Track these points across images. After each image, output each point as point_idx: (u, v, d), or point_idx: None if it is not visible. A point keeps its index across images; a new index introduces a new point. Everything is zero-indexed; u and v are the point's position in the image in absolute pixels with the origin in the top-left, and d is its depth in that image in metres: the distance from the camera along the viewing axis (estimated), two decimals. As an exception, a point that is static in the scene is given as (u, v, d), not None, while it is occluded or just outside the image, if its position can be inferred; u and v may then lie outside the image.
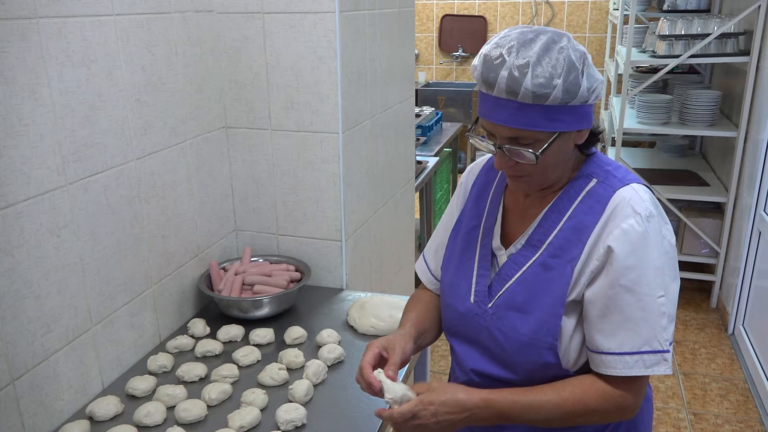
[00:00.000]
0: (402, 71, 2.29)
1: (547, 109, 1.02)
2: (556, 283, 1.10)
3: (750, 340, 3.14)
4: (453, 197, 1.36)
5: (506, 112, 1.03)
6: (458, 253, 1.27)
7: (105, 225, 1.43)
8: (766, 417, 2.71)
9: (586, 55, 1.05)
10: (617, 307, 1.06)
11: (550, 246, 1.13)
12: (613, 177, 1.12)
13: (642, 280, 1.04)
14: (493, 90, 1.03)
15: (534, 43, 1.02)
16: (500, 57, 1.02)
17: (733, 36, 3.33)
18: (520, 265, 1.16)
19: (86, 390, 1.42)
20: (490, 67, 1.03)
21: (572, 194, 1.13)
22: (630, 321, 1.05)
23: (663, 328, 1.06)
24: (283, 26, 1.75)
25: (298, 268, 1.88)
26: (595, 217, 1.09)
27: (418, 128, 3.85)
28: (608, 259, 1.06)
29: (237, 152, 1.91)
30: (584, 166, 1.15)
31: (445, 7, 5.96)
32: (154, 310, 1.63)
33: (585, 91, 1.03)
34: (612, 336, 1.06)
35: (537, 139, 1.05)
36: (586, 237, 1.09)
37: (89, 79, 1.35)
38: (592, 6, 5.55)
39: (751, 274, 3.19)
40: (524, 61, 1.00)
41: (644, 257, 1.04)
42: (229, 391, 1.44)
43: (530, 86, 0.99)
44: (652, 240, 1.05)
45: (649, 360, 1.05)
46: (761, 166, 3.06)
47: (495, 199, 1.26)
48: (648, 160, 4.25)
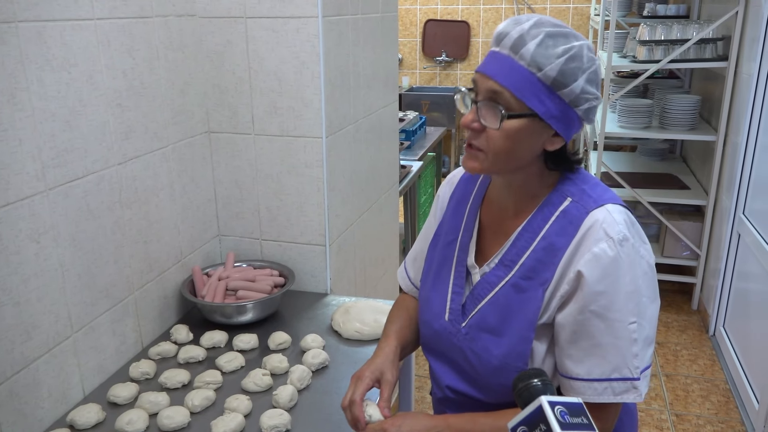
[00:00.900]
0: (385, 76, 2.30)
1: (536, 83, 1.00)
2: (527, 305, 1.08)
3: (730, 341, 3.17)
4: (432, 207, 1.35)
5: (499, 65, 1.03)
6: (435, 268, 1.25)
7: (86, 231, 1.42)
8: (747, 417, 2.75)
9: (595, 62, 1.04)
10: (587, 332, 1.03)
11: (522, 267, 1.10)
12: (588, 197, 1.08)
13: (612, 306, 1.02)
14: (499, 45, 1.03)
15: (559, 27, 1.03)
16: (521, 21, 1.03)
17: (712, 41, 3.38)
18: (493, 285, 1.14)
19: (67, 398, 1.40)
20: (508, 25, 1.04)
21: (546, 213, 1.10)
22: (599, 347, 1.03)
23: (634, 355, 1.03)
24: (266, 31, 1.74)
25: (281, 273, 1.87)
26: (567, 239, 1.06)
27: (401, 132, 3.86)
28: (579, 284, 1.03)
29: (220, 157, 1.90)
30: (560, 184, 1.12)
31: (429, 12, 5.98)
32: (136, 316, 1.62)
33: (578, 89, 1.01)
34: (581, 362, 1.04)
35: (511, 107, 1.02)
36: (558, 259, 1.06)
37: (69, 84, 1.34)
38: (573, 11, 5.61)
39: (731, 276, 3.24)
40: (541, 30, 1.01)
41: (615, 283, 1.02)
42: (212, 398, 1.43)
43: (532, 49, 0.99)
44: (624, 265, 1.02)
45: (618, 387, 1.03)
46: (740, 170, 3.10)
47: (472, 213, 1.23)
48: (629, 164, 4.30)
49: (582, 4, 5.56)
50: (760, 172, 2.97)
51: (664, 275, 3.79)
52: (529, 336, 1.08)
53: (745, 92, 3.09)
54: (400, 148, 3.69)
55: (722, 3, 3.56)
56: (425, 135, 4.25)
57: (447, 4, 5.91)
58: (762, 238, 2.79)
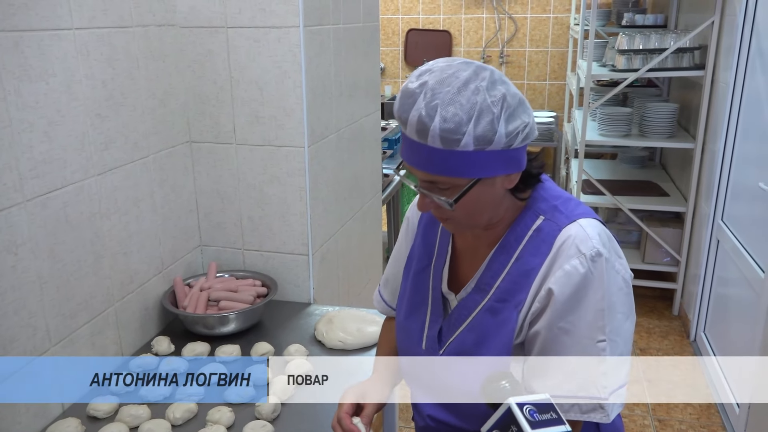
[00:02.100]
0: (367, 85, 2.30)
1: (461, 155, 0.94)
2: (502, 328, 1.05)
3: (711, 346, 3.21)
4: (401, 230, 1.30)
5: (419, 155, 0.96)
6: (409, 294, 1.22)
7: (65, 242, 1.40)
8: (728, 421, 2.77)
9: (504, 94, 0.95)
10: (554, 349, 1.01)
11: (498, 290, 1.07)
12: (560, 213, 1.05)
13: (581, 323, 0.99)
14: (406, 129, 0.97)
15: (450, 81, 0.93)
16: (413, 95, 0.94)
17: (689, 51, 3.43)
18: (470, 310, 1.10)
19: (45, 412, 1.38)
20: (403, 105, 0.96)
21: (519, 233, 1.07)
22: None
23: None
24: (247, 40, 1.74)
25: (264, 283, 1.86)
26: (541, 258, 1.03)
27: (384, 141, 3.86)
28: (548, 301, 1.01)
29: (201, 167, 1.89)
30: (531, 201, 1.08)
31: (411, 21, 6.02)
32: (116, 328, 1.60)
33: (503, 137, 0.94)
34: (548, 378, 1.02)
35: (454, 185, 0.98)
36: (532, 279, 1.03)
37: (47, 94, 1.33)
38: (554, 21, 5.67)
39: (710, 282, 3.28)
40: (434, 102, 0.92)
41: (585, 300, 0.99)
42: (194, 410, 1.42)
43: (438, 131, 0.92)
44: (595, 281, 0.99)
45: (585, 407, 1.00)
46: (718, 176, 3.15)
47: (444, 238, 1.19)
48: (610, 172, 4.34)
49: (562, 14, 5.62)
50: (737, 179, 3.02)
51: (645, 281, 3.82)
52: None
53: (722, 100, 3.14)
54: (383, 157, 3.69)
55: (699, 13, 3.62)
56: (408, 144, 4.25)
57: (429, 14, 5.95)
58: (740, 243, 2.83)
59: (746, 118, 2.94)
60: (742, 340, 2.72)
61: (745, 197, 2.89)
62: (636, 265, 3.80)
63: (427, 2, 5.92)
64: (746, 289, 2.70)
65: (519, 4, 5.68)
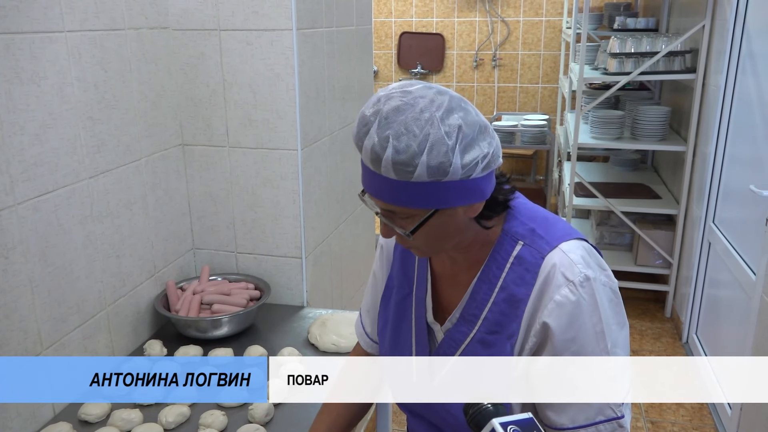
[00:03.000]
0: (361, 88, 2.31)
1: (416, 186, 0.90)
2: (498, 361, 1.03)
3: (703, 347, 3.22)
4: (376, 258, 1.25)
5: (375, 184, 0.93)
6: (393, 325, 1.17)
7: (56, 245, 1.39)
8: (720, 423, 2.79)
9: (462, 127, 0.90)
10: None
11: (486, 321, 1.04)
12: (540, 239, 1.02)
13: (585, 350, 0.98)
14: (363, 157, 0.93)
15: (403, 110, 0.89)
16: (367, 123, 0.91)
17: (680, 54, 3.45)
18: (459, 342, 1.07)
19: (36, 417, 1.37)
20: (359, 132, 0.92)
21: (500, 261, 1.03)
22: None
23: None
24: (240, 43, 1.74)
25: (257, 286, 1.86)
26: (527, 288, 1.00)
27: (378, 144, 3.86)
28: (547, 335, 0.99)
29: (194, 170, 1.88)
30: (507, 225, 1.04)
31: (404, 24, 6.03)
32: (108, 332, 1.59)
33: (460, 168, 0.89)
34: (563, 411, 1.00)
35: (410, 214, 0.94)
36: (522, 311, 1.01)
37: (39, 97, 1.32)
38: (546, 24, 5.69)
39: (702, 284, 3.29)
40: (387, 132, 0.88)
41: (583, 326, 0.98)
42: (186, 414, 1.41)
43: (390, 162, 0.88)
44: (588, 307, 0.98)
45: (604, 429, 1.00)
46: (709, 179, 3.17)
47: (422, 264, 1.15)
48: (602, 174, 4.36)
49: (554, 18, 5.65)
50: (728, 182, 3.04)
51: (637, 284, 3.84)
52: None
53: (713, 104, 3.16)
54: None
55: (690, 16, 3.65)
56: (401, 146, 4.25)
57: (422, 17, 5.97)
58: (731, 245, 2.85)
59: (737, 121, 2.96)
60: (734, 341, 2.74)
61: (736, 200, 2.91)
62: (628, 268, 3.81)
63: (420, 5, 5.93)
64: (738, 291, 2.71)
65: (512, 7, 5.70)
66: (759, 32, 2.77)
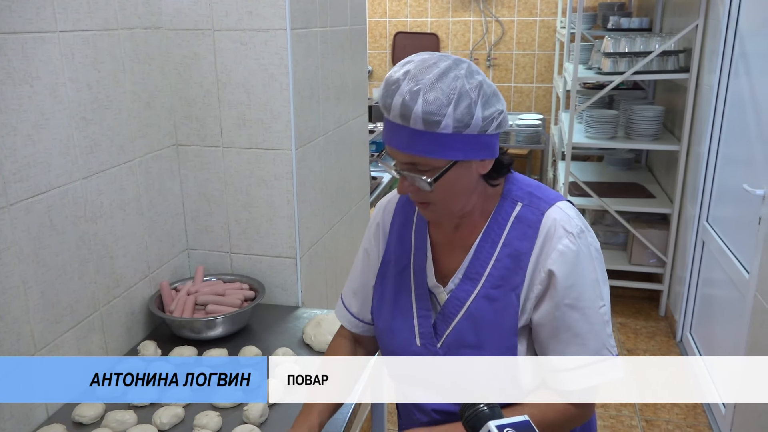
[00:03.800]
0: (355, 88, 2.30)
1: (441, 137, 1.00)
2: (504, 313, 1.11)
3: (697, 346, 3.23)
4: (369, 237, 1.30)
5: (401, 138, 1.03)
6: (391, 297, 1.22)
7: (49, 246, 1.39)
8: (714, 421, 2.80)
9: (480, 82, 1.02)
10: (565, 325, 1.08)
11: (490, 277, 1.12)
12: (538, 199, 1.13)
13: (583, 296, 1.08)
14: (390, 114, 1.03)
15: (431, 69, 1.01)
16: (397, 82, 1.02)
17: (674, 54, 3.47)
18: (463, 300, 1.14)
19: (30, 419, 1.37)
20: (387, 91, 1.03)
21: (501, 221, 1.13)
22: (578, 336, 1.08)
23: (608, 335, 1.10)
24: (234, 43, 1.74)
25: (252, 286, 1.85)
26: (530, 242, 1.10)
27: (372, 144, 3.87)
28: (550, 282, 1.08)
29: (188, 170, 1.88)
30: (505, 190, 1.15)
31: (398, 24, 6.03)
32: (102, 333, 1.58)
33: (480, 121, 1.01)
34: (564, 353, 1.09)
35: (433, 167, 1.03)
36: (525, 263, 1.10)
37: (31, 97, 1.32)
38: (540, 24, 5.70)
39: (696, 283, 3.30)
40: (417, 87, 0.99)
41: (582, 274, 1.08)
42: (181, 415, 1.41)
43: (420, 112, 0.98)
44: (585, 256, 1.08)
45: (602, 368, 1.09)
46: (703, 178, 3.18)
47: (420, 234, 1.22)
48: (596, 174, 4.37)
49: (549, 17, 5.66)
50: (722, 181, 3.05)
51: (631, 282, 3.85)
52: (513, 343, 1.11)
53: (706, 103, 3.17)
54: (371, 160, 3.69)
55: (683, 16, 3.66)
56: (396, 146, 4.26)
57: (416, 17, 5.97)
58: (725, 244, 2.86)
59: (730, 121, 2.97)
60: (728, 340, 2.75)
61: (730, 199, 2.92)
62: (623, 267, 3.82)
63: (414, 5, 5.94)
64: (731, 290, 2.73)
65: (506, 7, 5.71)
66: (751, 32, 2.78)
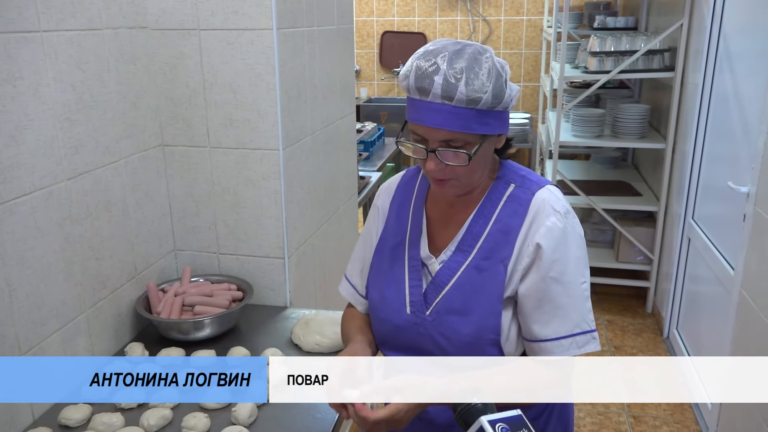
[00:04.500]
0: (342, 87, 2.30)
1: (478, 113, 1.10)
2: (491, 282, 1.18)
3: (684, 343, 3.26)
4: (369, 219, 1.40)
5: (441, 116, 1.09)
6: (386, 268, 1.31)
7: (34, 248, 1.37)
8: (701, 416, 2.82)
9: (505, 65, 1.14)
10: (549, 297, 1.15)
11: (480, 249, 1.21)
12: (530, 181, 1.23)
13: (567, 270, 1.15)
14: (428, 96, 1.09)
15: (463, 53, 1.10)
16: (435, 65, 1.09)
17: (659, 53, 3.49)
18: (454, 270, 1.22)
19: (15, 423, 1.35)
20: (424, 75, 1.10)
21: (494, 200, 1.22)
22: (561, 308, 1.15)
23: (588, 310, 1.18)
24: (220, 43, 1.73)
25: (240, 287, 1.85)
26: (519, 219, 1.19)
27: (360, 143, 3.86)
28: (537, 255, 1.16)
29: (175, 170, 1.87)
30: (500, 173, 1.25)
31: (386, 24, 6.03)
32: (88, 335, 1.57)
33: (509, 98, 1.13)
34: (547, 324, 1.16)
35: (467, 142, 1.12)
36: (514, 238, 1.18)
37: (15, 98, 1.30)
38: (527, 23, 5.72)
39: (682, 280, 3.33)
40: (458, 67, 1.08)
41: (566, 250, 1.16)
42: (169, 417, 1.40)
43: (465, 91, 1.07)
44: (570, 234, 1.17)
45: (581, 340, 1.16)
46: (688, 176, 3.20)
47: (417, 211, 1.31)
48: (584, 172, 4.39)
49: (535, 17, 5.68)
50: (707, 179, 3.07)
51: (619, 280, 3.87)
52: (498, 309, 1.17)
53: (691, 102, 3.20)
54: (359, 159, 3.69)
55: (668, 15, 3.69)
56: (384, 146, 4.27)
57: (404, 16, 5.97)
58: (710, 241, 2.88)
59: (715, 119, 3.00)
60: (714, 336, 2.77)
61: (715, 196, 2.95)
62: (610, 264, 3.85)
63: (401, 4, 5.94)
64: (717, 287, 2.75)
65: (493, 6, 5.73)
66: (735, 31, 2.81)
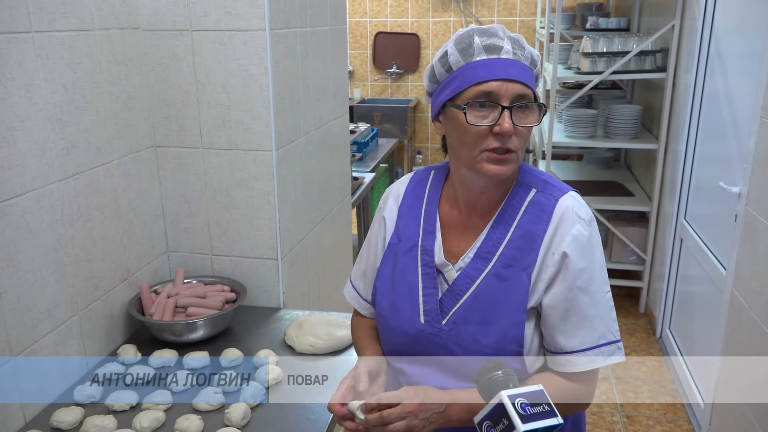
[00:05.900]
0: (336, 88, 2.30)
1: (534, 75, 1.14)
2: (513, 291, 1.13)
3: (676, 342, 3.28)
4: (374, 224, 1.34)
5: (516, 69, 1.09)
6: (396, 276, 1.24)
7: (25, 250, 1.37)
8: (693, 416, 2.83)
9: None
10: (575, 307, 1.12)
11: (501, 257, 1.15)
12: (552, 186, 1.18)
13: (593, 279, 1.13)
14: (499, 52, 1.10)
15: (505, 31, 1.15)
16: (495, 30, 1.13)
17: (651, 53, 3.51)
18: (473, 278, 1.17)
19: (6, 425, 1.34)
20: (490, 34, 1.12)
21: (515, 205, 1.18)
22: (587, 319, 1.12)
23: (613, 320, 1.15)
24: (212, 44, 1.73)
25: (233, 288, 1.84)
26: (543, 225, 1.14)
27: (353, 144, 3.86)
28: (564, 264, 1.12)
29: (167, 172, 1.86)
30: (520, 177, 1.20)
31: (379, 24, 6.03)
32: (80, 337, 1.56)
33: None
34: (573, 336, 1.12)
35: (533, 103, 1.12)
36: (538, 245, 1.14)
37: (6, 99, 1.29)
38: (520, 24, 5.74)
39: (675, 279, 3.35)
40: (513, 33, 1.14)
41: (592, 258, 1.13)
42: (162, 419, 1.39)
43: (529, 48, 1.13)
44: (595, 242, 1.14)
45: (606, 351, 1.13)
46: (680, 176, 3.22)
47: (430, 216, 1.25)
48: (577, 173, 4.40)
49: (528, 18, 5.70)
50: (699, 179, 3.09)
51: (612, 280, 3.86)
52: (521, 319, 1.13)
53: (683, 102, 3.22)
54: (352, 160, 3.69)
55: (660, 16, 3.70)
56: (377, 146, 4.27)
57: (397, 17, 5.98)
58: (702, 241, 2.90)
59: (706, 119, 3.02)
60: (706, 335, 2.78)
61: (707, 196, 2.96)
62: (603, 264, 3.85)
63: (395, 5, 5.94)
64: (709, 286, 2.76)
65: (486, 7, 5.74)
66: (726, 32, 2.82)
